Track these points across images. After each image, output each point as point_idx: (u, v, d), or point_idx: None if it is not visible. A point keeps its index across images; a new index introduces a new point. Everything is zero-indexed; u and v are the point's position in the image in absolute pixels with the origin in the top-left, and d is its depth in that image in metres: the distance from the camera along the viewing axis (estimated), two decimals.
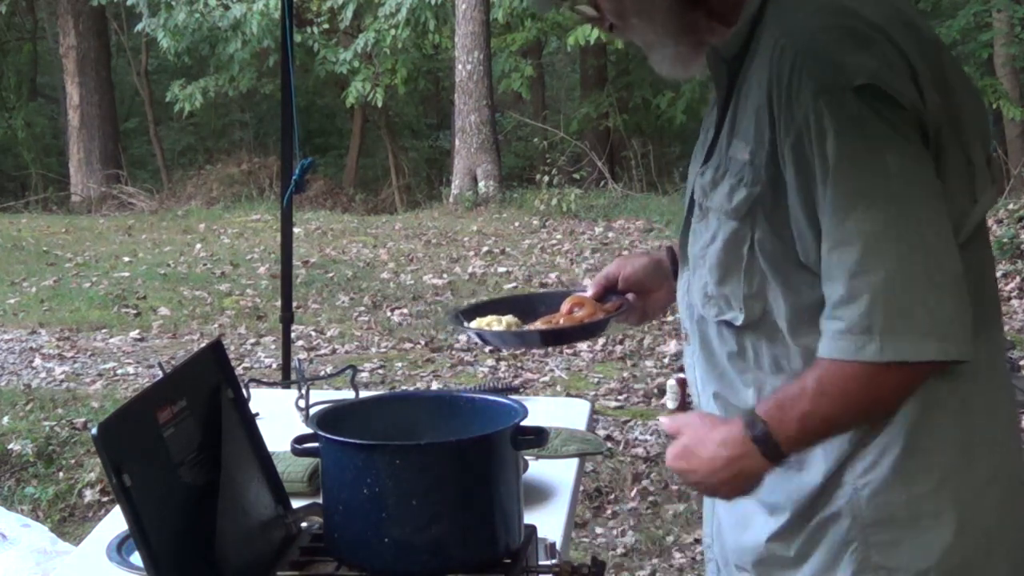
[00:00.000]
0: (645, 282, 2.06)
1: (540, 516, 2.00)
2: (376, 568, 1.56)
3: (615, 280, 2.07)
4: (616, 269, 2.08)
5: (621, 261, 2.09)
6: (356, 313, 7.84)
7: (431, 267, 9.37)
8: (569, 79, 20.01)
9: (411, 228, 11.41)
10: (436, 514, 1.54)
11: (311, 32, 14.58)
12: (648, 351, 6.72)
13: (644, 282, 2.06)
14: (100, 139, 15.72)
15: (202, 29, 14.18)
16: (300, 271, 8.86)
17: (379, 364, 6.55)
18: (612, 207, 12.25)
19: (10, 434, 5.28)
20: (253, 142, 17.29)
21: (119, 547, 1.97)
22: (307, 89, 16.30)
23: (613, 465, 5.03)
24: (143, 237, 11.42)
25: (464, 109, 13.24)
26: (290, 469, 2.12)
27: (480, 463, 1.57)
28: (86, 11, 15.46)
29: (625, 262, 2.09)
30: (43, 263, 9.94)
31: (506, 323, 2.08)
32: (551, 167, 12.33)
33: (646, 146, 15.24)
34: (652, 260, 2.07)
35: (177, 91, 15.10)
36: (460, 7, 12.99)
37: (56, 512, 4.74)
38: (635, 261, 2.08)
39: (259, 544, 1.64)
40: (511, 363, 6.55)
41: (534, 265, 9.35)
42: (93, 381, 6.34)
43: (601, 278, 2.09)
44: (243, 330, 7.44)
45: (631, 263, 2.08)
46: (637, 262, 2.08)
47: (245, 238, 11.06)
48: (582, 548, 4.29)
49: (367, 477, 1.53)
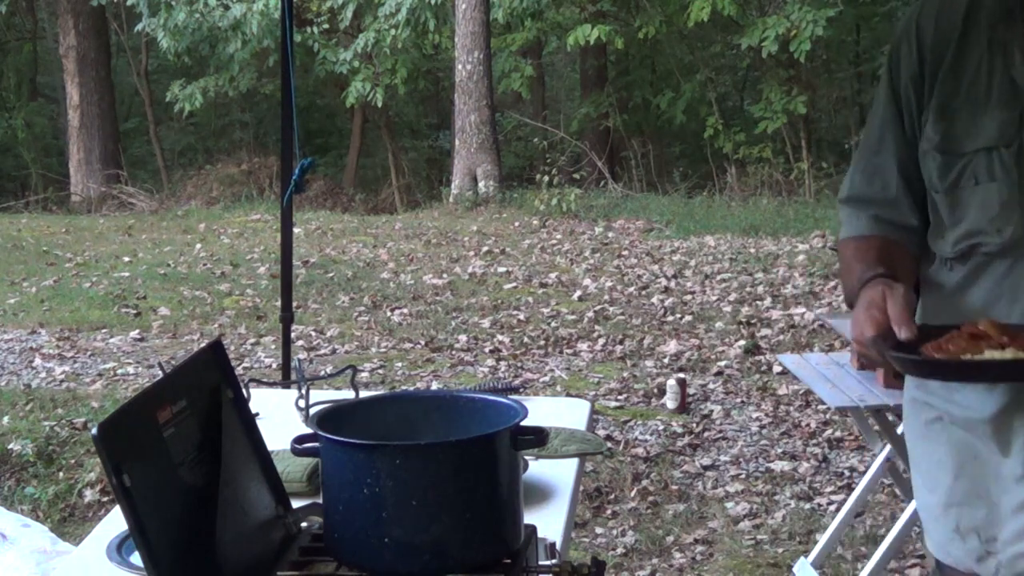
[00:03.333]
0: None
1: (540, 516, 2.00)
2: (376, 568, 1.56)
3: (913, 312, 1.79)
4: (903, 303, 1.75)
5: (898, 299, 1.75)
6: (356, 313, 7.85)
7: (431, 267, 9.37)
8: (569, 79, 20.01)
9: (411, 228, 11.41)
10: (436, 514, 1.54)
11: (311, 32, 14.59)
12: (648, 351, 6.73)
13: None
14: (100, 139, 15.73)
15: (202, 29, 14.19)
16: (300, 271, 8.86)
17: (379, 364, 6.55)
18: (612, 207, 12.26)
19: (10, 434, 5.28)
20: (253, 142, 17.30)
21: (119, 547, 1.97)
22: (307, 89, 16.31)
23: (613, 465, 5.03)
24: (143, 237, 11.42)
25: (464, 109, 13.24)
26: (290, 469, 2.12)
27: (480, 463, 1.57)
28: (86, 11, 15.47)
29: (903, 297, 1.76)
30: (43, 263, 9.94)
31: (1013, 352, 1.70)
32: (551, 167, 12.34)
33: (646, 146, 15.26)
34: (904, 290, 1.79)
35: (177, 91, 15.11)
36: (460, 7, 12.99)
37: (56, 512, 4.73)
38: (900, 295, 1.76)
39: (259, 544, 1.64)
40: (511, 363, 6.56)
41: (534, 265, 9.35)
42: (93, 381, 6.34)
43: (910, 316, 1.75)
44: (243, 330, 7.44)
45: (900, 296, 1.76)
46: (902, 294, 1.77)
47: (245, 238, 11.06)
48: (582, 548, 4.29)
49: (367, 477, 1.53)
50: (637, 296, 8.13)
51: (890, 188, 1.95)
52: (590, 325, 7.33)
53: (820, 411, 5.57)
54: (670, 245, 10.07)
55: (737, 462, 5.11)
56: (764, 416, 5.63)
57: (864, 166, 1.99)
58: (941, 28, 1.91)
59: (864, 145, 2.01)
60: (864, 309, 1.75)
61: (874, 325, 1.72)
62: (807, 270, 8.60)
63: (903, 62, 1.94)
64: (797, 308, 7.49)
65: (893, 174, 1.95)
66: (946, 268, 1.92)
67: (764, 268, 8.81)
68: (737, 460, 5.14)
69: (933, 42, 1.91)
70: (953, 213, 1.89)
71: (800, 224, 10.70)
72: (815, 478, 4.90)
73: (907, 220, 1.95)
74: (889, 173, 1.95)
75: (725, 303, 7.77)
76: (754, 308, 7.59)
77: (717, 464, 5.11)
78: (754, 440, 5.35)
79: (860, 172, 2.00)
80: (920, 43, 1.92)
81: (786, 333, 6.96)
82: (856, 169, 2.01)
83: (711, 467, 5.08)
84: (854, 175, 2.01)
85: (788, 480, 4.88)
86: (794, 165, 13.58)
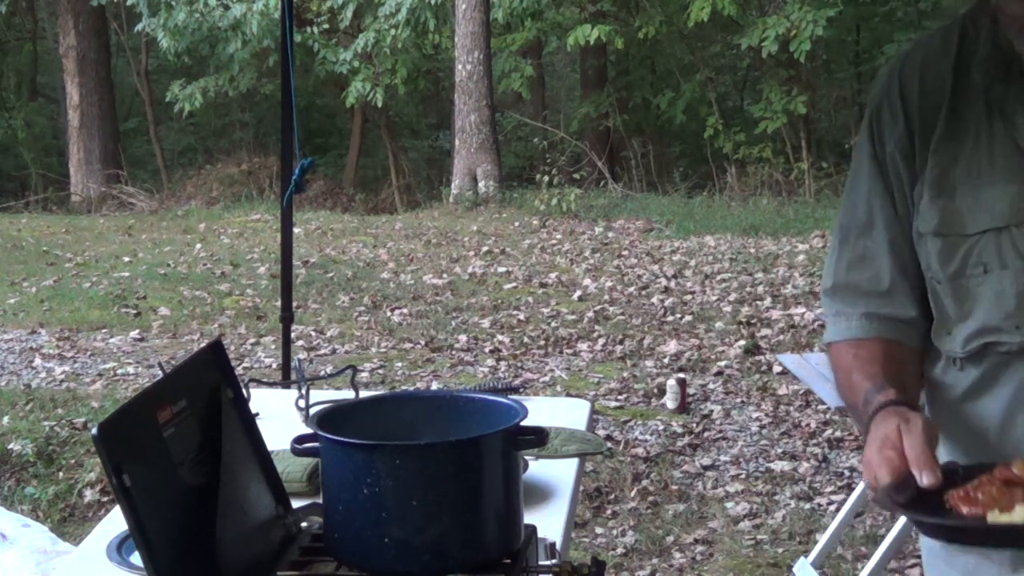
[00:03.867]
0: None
1: (540, 516, 2.00)
2: (376, 568, 1.56)
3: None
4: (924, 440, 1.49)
5: (917, 435, 1.48)
6: (356, 313, 7.85)
7: (431, 267, 9.37)
8: (569, 79, 20.02)
9: (411, 228, 11.41)
10: (436, 514, 1.53)
11: (311, 32, 14.59)
12: (648, 351, 6.73)
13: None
14: (100, 139, 15.73)
15: (202, 29, 14.19)
16: (300, 271, 8.86)
17: (379, 364, 6.55)
18: (612, 207, 12.26)
19: (10, 434, 5.28)
20: (253, 142, 17.30)
21: (119, 547, 1.97)
22: (307, 89, 16.31)
23: (613, 465, 5.03)
24: (143, 237, 11.42)
25: (464, 109, 13.24)
26: (290, 469, 2.12)
27: (480, 463, 1.57)
28: (86, 11, 15.47)
29: (922, 432, 1.49)
30: (43, 263, 9.94)
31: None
32: (551, 167, 12.34)
33: (646, 146, 15.26)
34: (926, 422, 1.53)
35: (177, 91, 15.12)
36: (460, 7, 12.99)
37: (56, 512, 4.73)
38: (919, 430, 1.49)
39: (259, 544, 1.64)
40: (511, 363, 6.56)
41: (534, 265, 9.35)
42: (93, 381, 6.34)
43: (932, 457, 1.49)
44: (243, 330, 7.44)
45: (920, 432, 1.49)
46: (921, 429, 1.50)
47: (245, 238, 11.06)
48: (582, 548, 4.29)
49: (367, 477, 1.53)
50: (637, 296, 8.13)
51: (882, 278, 1.69)
52: (590, 325, 7.33)
53: (820, 411, 5.57)
54: (670, 245, 10.06)
55: (737, 462, 5.11)
56: (764, 416, 5.63)
57: (850, 251, 1.72)
58: (928, 87, 1.66)
59: (846, 225, 1.73)
60: (877, 450, 1.48)
61: (890, 470, 1.45)
62: (807, 270, 8.60)
63: (887, 129, 1.68)
64: (797, 308, 7.49)
65: (885, 260, 1.69)
66: (955, 367, 1.67)
67: (764, 268, 8.81)
68: (737, 460, 5.14)
69: (920, 104, 1.66)
70: (960, 306, 1.63)
71: (800, 224, 10.70)
72: (815, 478, 4.90)
73: (905, 313, 1.69)
74: (880, 259, 1.69)
75: (725, 303, 7.77)
76: (754, 308, 7.59)
77: (717, 464, 5.11)
78: (754, 440, 5.35)
79: (846, 259, 1.72)
80: (906, 105, 1.67)
81: (786, 333, 6.96)
82: (840, 254, 1.73)
83: (711, 467, 5.08)
84: (838, 262, 1.73)
85: (788, 480, 4.88)
86: (794, 165, 13.58)
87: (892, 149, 1.67)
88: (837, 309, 1.73)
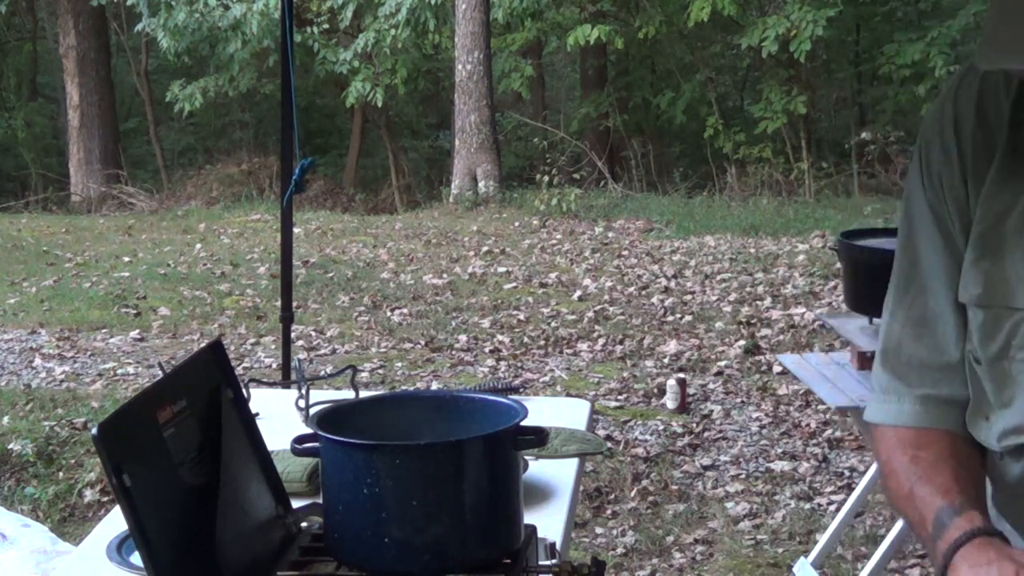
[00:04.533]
0: None
1: (540, 516, 2.00)
2: (376, 568, 1.56)
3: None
4: None
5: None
6: (356, 313, 7.85)
7: (431, 267, 9.37)
8: (569, 79, 20.01)
9: (411, 228, 11.41)
10: (436, 514, 1.54)
11: (311, 32, 14.59)
12: (648, 351, 6.73)
13: None
14: (100, 139, 15.73)
15: (202, 29, 14.19)
16: (300, 271, 8.86)
17: (379, 364, 6.55)
18: (612, 207, 12.25)
19: (10, 434, 5.28)
20: (253, 142, 17.30)
21: (119, 547, 1.97)
22: (307, 89, 16.31)
23: (613, 465, 5.03)
24: (143, 237, 11.42)
25: (464, 109, 13.24)
26: (290, 469, 2.12)
27: (480, 463, 1.57)
28: (86, 11, 15.47)
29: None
30: (43, 263, 9.94)
31: None
32: (551, 167, 12.33)
33: (646, 146, 15.26)
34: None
35: (177, 91, 15.12)
36: (460, 7, 12.99)
37: (56, 512, 4.73)
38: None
39: (259, 544, 1.64)
40: (511, 363, 6.56)
41: (534, 265, 9.35)
42: (93, 381, 6.34)
43: None
44: (243, 330, 7.44)
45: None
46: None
47: (245, 238, 11.06)
48: (582, 548, 4.29)
49: (367, 477, 1.53)
50: (637, 296, 8.13)
51: (947, 349, 1.42)
52: (590, 325, 7.33)
53: (820, 411, 5.57)
54: (670, 245, 10.06)
55: (737, 462, 5.11)
56: (764, 416, 5.63)
57: (906, 310, 1.45)
58: (985, 121, 1.38)
59: (903, 279, 1.45)
60: None
61: None
62: (807, 270, 8.60)
63: (942, 171, 1.41)
64: (797, 308, 7.49)
65: (950, 325, 1.41)
66: (996, 456, 1.42)
67: (764, 268, 8.81)
68: (737, 460, 5.14)
69: (974, 141, 1.38)
70: (1000, 393, 1.37)
71: (800, 224, 10.70)
72: (815, 478, 4.90)
73: (963, 394, 1.42)
74: (944, 324, 1.42)
75: (725, 303, 7.77)
76: (754, 308, 7.59)
77: (717, 464, 5.11)
78: (754, 440, 5.35)
79: (900, 319, 1.45)
80: (960, 144, 1.39)
81: (786, 333, 6.96)
82: (895, 313, 1.46)
83: (711, 467, 5.08)
84: (892, 322, 1.46)
85: (788, 480, 4.88)
86: (794, 165, 13.58)
87: (947, 195, 1.41)
88: (887, 385, 1.47)
